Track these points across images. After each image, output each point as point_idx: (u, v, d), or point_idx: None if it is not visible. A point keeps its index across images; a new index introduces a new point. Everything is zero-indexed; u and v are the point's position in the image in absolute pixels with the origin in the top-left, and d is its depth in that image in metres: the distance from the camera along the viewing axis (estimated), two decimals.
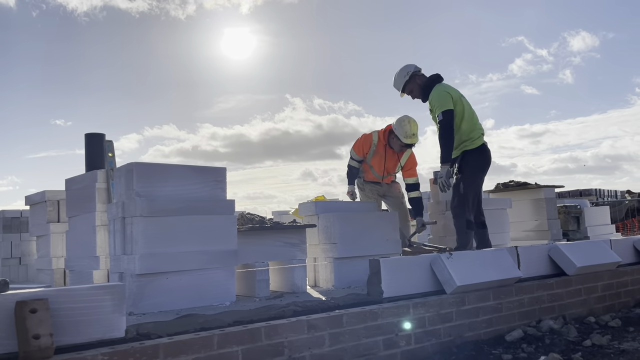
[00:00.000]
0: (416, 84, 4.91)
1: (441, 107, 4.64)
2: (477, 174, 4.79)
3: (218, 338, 2.57)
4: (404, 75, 4.94)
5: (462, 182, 4.73)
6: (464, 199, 4.72)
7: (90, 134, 5.78)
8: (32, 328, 2.16)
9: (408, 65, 4.99)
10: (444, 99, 4.66)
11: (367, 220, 4.97)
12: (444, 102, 4.65)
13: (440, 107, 4.64)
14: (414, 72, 4.92)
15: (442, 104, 4.65)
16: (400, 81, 4.97)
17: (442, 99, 4.67)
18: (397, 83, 5.01)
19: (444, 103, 4.65)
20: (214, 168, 3.99)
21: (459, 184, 4.75)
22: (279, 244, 4.48)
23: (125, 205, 3.63)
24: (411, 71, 4.92)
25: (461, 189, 4.72)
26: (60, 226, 5.73)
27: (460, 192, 4.73)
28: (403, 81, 4.94)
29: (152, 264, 3.48)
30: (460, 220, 4.77)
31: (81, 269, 4.76)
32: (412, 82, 4.91)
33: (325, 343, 2.91)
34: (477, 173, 4.79)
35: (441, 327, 3.41)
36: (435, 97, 4.72)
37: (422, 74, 4.93)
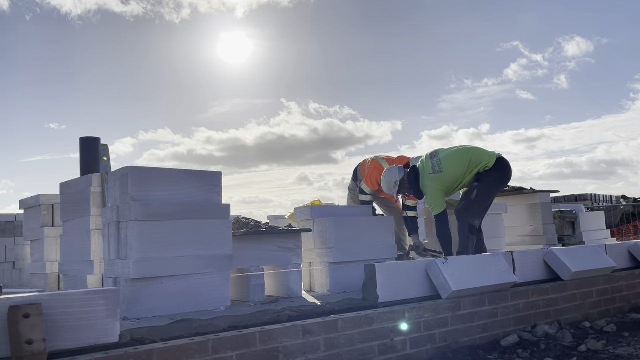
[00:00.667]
0: (405, 187, 5.09)
1: (434, 209, 4.89)
2: (494, 185, 4.93)
3: (213, 343, 2.56)
4: (393, 187, 5.11)
5: (476, 190, 4.79)
6: (472, 205, 4.80)
7: (85, 138, 5.76)
8: (25, 333, 2.15)
9: (391, 173, 5.12)
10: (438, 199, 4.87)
11: (363, 225, 4.96)
12: (438, 204, 4.87)
13: (434, 209, 4.90)
14: (401, 180, 5.06)
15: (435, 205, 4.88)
16: (392, 191, 5.17)
17: (436, 199, 4.87)
18: (389, 191, 5.23)
19: (437, 204, 4.87)
20: (209, 172, 3.98)
21: (473, 190, 4.80)
22: (274, 249, 4.47)
23: (120, 209, 3.61)
24: (397, 180, 5.07)
25: (473, 196, 4.78)
26: (55, 230, 5.70)
27: (471, 199, 4.79)
28: (395, 192, 5.16)
29: (146, 269, 3.47)
30: (464, 224, 4.81)
31: (75, 274, 4.73)
32: (402, 187, 5.09)
33: (321, 348, 2.90)
34: (494, 185, 4.93)
35: (437, 332, 3.41)
36: (430, 199, 4.93)
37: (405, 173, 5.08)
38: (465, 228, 4.80)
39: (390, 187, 5.10)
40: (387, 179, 5.11)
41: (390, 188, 5.11)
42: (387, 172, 5.16)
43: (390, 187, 5.10)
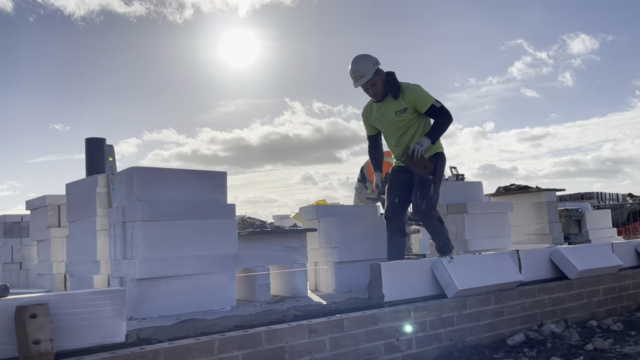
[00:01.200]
0: (380, 78, 4.39)
1: (432, 97, 4.38)
2: (442, 177, 4.66)
3: (218, 343, 2.56)
4: (373, 64, 4.36)
5: (433, 184, 4.42)
6: (433, 199, 4.43)
7: (91, 138, 5.78)
8: (32, 333, 2.16)
9: (371, 56, 4.43)
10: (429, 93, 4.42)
11: (368, 224, 4.96)
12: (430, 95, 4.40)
13: (431, 97, 4.38)
14: (379, 68, 4.40)
15: (429, 96, 4.39)
16: (370, 69, 4.34)
17: (428, 93, 4.41)
18: (365, 69, 4.34)
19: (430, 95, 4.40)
20: (214, 172, 3.98)
21: (430, 185, 4.39)
22: (279, 248, 4.47)
23: (125, 209, 3.62)
24: (378, 63, 4.40)
25: (431, 191, 4.41)
26: (61, 231, 5.73)
27: (430, 194, 4.39)
28: (373, 70, 4.34)
29: (152, 269, 3.48)
30: (434, 220, 4.47)
31: (82, 274, 4.75)
32: (377, 75, 4.37)
33: (326, 347, 2.90)
34: (442, 176, 4.66)
35: (442, 331, 3.40)
36: (420, 91, 4.40)
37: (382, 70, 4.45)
38: (435, 223, 4.47)
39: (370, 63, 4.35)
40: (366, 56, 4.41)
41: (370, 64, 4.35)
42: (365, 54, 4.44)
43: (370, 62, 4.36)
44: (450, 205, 5.84)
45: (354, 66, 4.38)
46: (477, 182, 6.37)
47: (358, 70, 4.35)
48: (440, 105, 4.36)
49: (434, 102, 4.35)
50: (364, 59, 4.39)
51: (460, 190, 6.14)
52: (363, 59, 4.38)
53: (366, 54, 4.43)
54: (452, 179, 13.16)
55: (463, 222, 5.62)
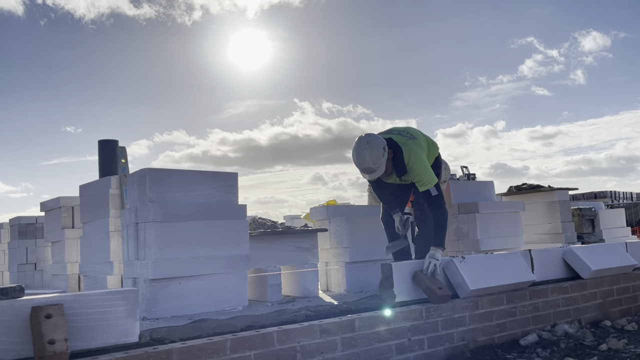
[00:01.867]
0: (389, 159, 3.80)
1: (431, 181, 3.76)
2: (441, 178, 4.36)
3: (231, 343, 2.58)
4: (382, 154, 3.72)
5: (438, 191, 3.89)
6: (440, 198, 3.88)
7: (104, 140, 5.84)
8: (47, 333, 2.19)
9: (376, 139, 3.76)
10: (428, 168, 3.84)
11: (379, 224, 4.95)
12: (431, 173, 3.81)
13: (430, 181, 3.76)
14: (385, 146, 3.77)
15: (430, 176, 3.78)
16: (382, 161, 3.73)
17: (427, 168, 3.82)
18: (377, 164, 3.72)
19: (431, 174, 3.80)
20: (225, 173, 4.01)
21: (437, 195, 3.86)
22: (290, 249, 4.49)
23: (138, 210, 3.66)
24: (385, 146, 3.76)
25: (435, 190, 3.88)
26: (75, 232, 5.79)
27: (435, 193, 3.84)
28: (384, 161, 3.75)
29: (165, 269, 3.51)
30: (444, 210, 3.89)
31: (95, 275, 4.80)
32: (387, 160, 3.79)
33: (338, 348, 2.90)
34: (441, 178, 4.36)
35: (454, 331, 3.39)
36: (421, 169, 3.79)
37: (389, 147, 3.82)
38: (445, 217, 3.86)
39: (379, 152, 3.69)
40: (374, 144, 3.71)
41: (379, 154, 3.69)
42: (369, 138, 3.74)
43: (379, 151, 3.69)
44: (461, 204, 5.81)
45: (362, 162, 3.74)
46: (489, 181, 6.34)
47: (367, 167, 3.73)
48: (437, 193, 3.76)
49: (432, 187, 3.76)
50: (371, 150, 3.70)
51: (472, 189, 6.11)
52: (370, 150, 3.70)
53: (370, 140, 3.74)
54: (464, 178, 13.08)
55: (475, 222, 5.59)
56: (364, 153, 3.69)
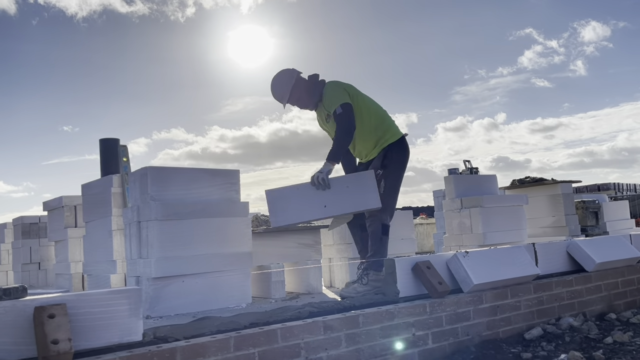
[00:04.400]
0: (302, 89, 4.02)
1: (338, 100, 3.84)
2: (400, 170, 4.04)
3: (234, 340, 2.57)
4: (289, 81, 3.99)
5: (384, 180, 3.89)
6: (383, 200, 3.82)
7: (105, 139, 5.84)
8: (50, 333, 2.18)
9: (287, 69, 4.07)
10: (339, 94, 3.89)
11: None
12: (340, 96, 3.87)
13: (338, 100, 3.84)
14: (297, 76, 4.03)
15: (338, 98, 3.86)
16: (286, 88, 3.99)
17: (337, 93, 3.89)
18: (282, 89, 4.01)
19: (339, 97, 3.86)
20: (227, 170, 4.00)
21: (379, 181, 3.86)
22: (293, 245, 4.48)
23: (140, 209, 3.65)
24: (295, 75, 4.02)
25: (382, 188, 3.86)
26: (78, 231, 5.80)
27: (380, 192, 3.82)
28: (289, 87, 3.98)
29: (167, 267, 3.50)
30: (376, 224, 3.88)
31: (99, 273, 4.80)
32: (298, 87, 4.00)
33: (342, 344, 2.90)
34: (400, 170, 4.04)
35: (459, 326, 3.38)
36: (329, 94, 3.92)
37: (304, 78, 4.07)
38: (377, 228, 3.87)
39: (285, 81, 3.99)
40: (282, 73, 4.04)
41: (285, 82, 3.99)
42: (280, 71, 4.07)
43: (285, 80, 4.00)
44: (464, 199, 5.80)
45: (272, 91, 4.08)
46: (492, 175, 6.33)
47: (276, 95, 4.06)
48: (341, 111, 3.81)
49: (337, 107, 3.84)
50: (278, 79, 4.05)
51: (475, 183, 6.09)
52: (277, 80, 4.05)
53: (281, 72, 4.07)
54: (466, 172, 13.05)
55: (478, 216, 5.58)
56: (273, 82, 4.06)
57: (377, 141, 3.96)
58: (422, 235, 13.38)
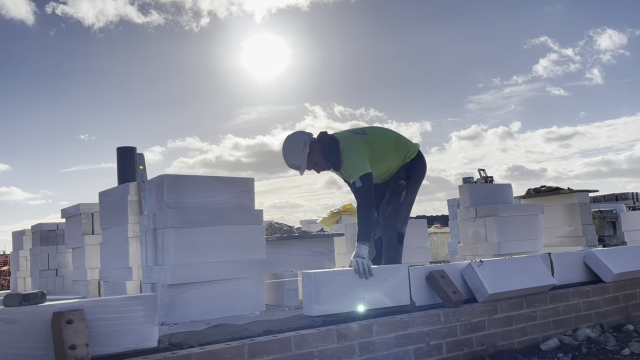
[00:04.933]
0: (318, 154, 3.81)
1: (358, 170, 3.65)
2: (420, 181, 4.11)
3: (248, 348, 2.59)
4: (302, 148, 3.76)
5: (405, 190, 3.94)
6: (401, 208, 3.92)
7: (122, 147, 5.92)
8: (68, 338, 2.22)
9: (297, 135, 3.83)
10: (359, 161, 3.69)
11: None
12: (360, 165, 3.67)
13: (358, 170, 3.65)
14: (310, 141, 3.80)
15: (358, 167, 3.66)
16: (302, 157, 3.77)
17: (357, 161, 3.69)
18: (297, 160, 3.78)
19: (360, 165, 3.67)
20: (242, 179, 4.03)
21: (400, 191, 3.93)
22: (307, 253, 4.50)
23: (156, 216, 3.69)
24: (307, 140, 3.79)
25: (402, 198, 3.92)
26: (95, 238, 5.87)
27: (400, 201, 3.91)
28: (305, 156, 3.77)
29: (183, 275, 3.53)
30: (391, 232, 3.91)
31: (115, 280, 4.86)
32: (313, 154, 3.80)
33: (355, 352, 2.89)
34: (420, 180, 4.10)
35: (473, 335, 3.36)
36: (349, 160, 3.72)
37: (316, 142, 3.83)
38: (393, 237, 3.89)
39: (298, 149, 3.76)
40: (292, 141, 3.80)
41: (299, 150, 3.76)
42: (291, 136, 3.84)
43: (298, 148, 3.76)
44: (479, 208, 5.77)
45: (286, 161, 3.85)
46: (507, 184, 6.29)
47: (291, 164, 3.83)
48: (360, 185, 3.63)
49: (356, 179, 3.65)
50: (290, 147, 3.80)
51: (489, 192, 6.06)
52: (290, 148, 3.80)
53: (291, 139, 3.82)
54: (481, 181, 12.98)
55: (493, 225, 5.54)
56: (286, 151, 3.82)
57: (401, 163, 3.99)
58: (436, 244, 13.30)
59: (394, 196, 3.95)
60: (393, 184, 3.95)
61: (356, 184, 3.63)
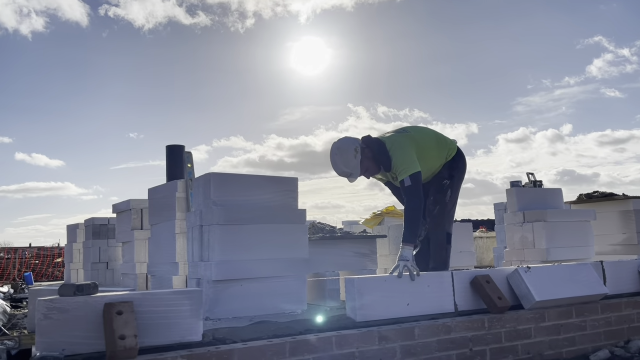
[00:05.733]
0: (369, 160, 3.72)
1: (409, 168, 3.58)
2: (462, 178, 4.03)
3: (290, 345, 2.61)
4: (354, 155, 3.64)
5: (450, 189, 3.90)
6: (447, 208, 3.89)
7: (171, 145, 6.07)
8: (118, 329, 2.30)
9: (347, 141, 3.70)
10: (409, 159, 3.62)
11: None
12: (410, 163, 3.60)
13: (408, 168, 3.58)
14: (361, 149, 3.68)
15: (409, 165, 3.59)
16: (354, 163, 3.65)
17: (407, 159, 3.62)
18: (349, 167, 3.67)
19: (410, 164, 3.59)
20: (286, 178, 4.07)
21: (445, 190, 3.89)
22: (349, 254, 4.49)
23: (202, 213, 3.78)
24: (357, 146, 3.67)
25: (447, 197, 3.89)
26: (144, 233, 6.05)
27: (445, 201, 3.88)
28: (357, 163, 3.66)
29: (227, 271, 3.60)
30: (440, 233, 3.87)
31: (162, 274, 4.99)
32: (365, 160, 3.71)
33: (397, 355, 2.87)
34: (462, 177, 4.03)
35: (519, 343, 3.27)
36: (399, 159, 3.63)
37: (365, 148, 3.73)
38: (442, 237, 3.85)
39: (350, 156, 3.65)
40: (341, 148, 3.68)
41: (350, 157, 3.65)
42: (339, 143, 3.71)
43: (350, 156, 3.65)
44: (527, 212, 5.61)
45: (336, 169, 3.74)
46: (557, 188, 6.08)
47: (342, 172, 3.72)
48: (410, 184, 3.56)
49: (405, 177, 3.58)
50: (340, 155, 3.68)
51: (539, 197, 5.88)
52: (340, 155, 3.68)
53: (340, 145, 3.71)
54: (529, 185, 12.60)
55: (542, 230, 5.38)
56: (335, 159, 3.71)
57: (443, 162, 3.94)
58: (481, 249, 13.02)
59: (440, 196, 3.90)
60: (437, 184, 3.90)
61: (405, 182, 3.57)
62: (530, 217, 5.56)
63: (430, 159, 3.84)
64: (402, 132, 3.87)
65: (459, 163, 3.99)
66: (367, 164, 3.72)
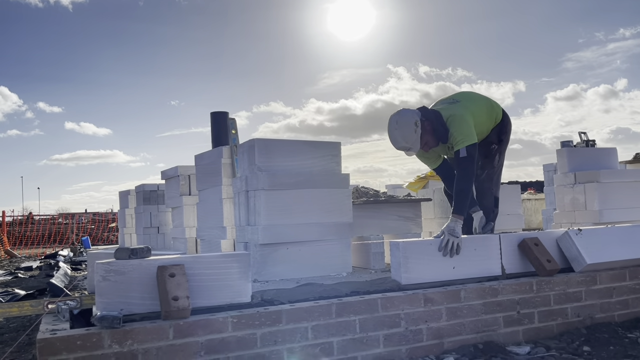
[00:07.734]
0: (429, 133, 3.58)
1: (467, 139, 3.48)
2: (508, 142, 3.97)
3: (336, 307, 2.66)
4: (414, 129, 3.50)
5: (498, 154, 3.84)
6: (495, 173, 3.87)
7: (215, 112, 6.15)
8: (171, 290, 2.40)
9: (406, 114, 3.55)
10: (468, 130, 3.52)
11: None
12: (469, 133, 3.51)
13: (466, 139, 3.48)
14: (421, 122, 3.53)
15: (467, 135, 3.50)
16: (414, 138, 3.51)
17: (466, 130, 3.52)
18: (409, 141, 3.52)
19: (468, 135, 3.50)
20: (329, 143, 4.07)
21: (494, 155, 3.82)
22: (393, 218, 4.48)
23: (248, 179, 3.84)
24: (418, 120, 3.52)
25: (495, 161, 3.84)
26: (192, 199, 6.22)
27: (494, 165, 3.83)
28: (418, 137, 3.51)
29: (273, 235, 3.67)
30: (489, 197, 3.84)
31: (210, 238, 5.14)
32: (425, 134, 3.56)
33: (443, 317, 2.88)
34: (508, 140, 3.97)
35: (568, 306, 3.22)
36: (458, 129, 3.53)
37: (424, 120, 3.57)
38: (490, 201, 3.84)
39: (410, 130, 3.49)
40: (404, 122, 3.51)
41: (411, 131, 3.49)
42: (398, 117, 3.56)
43: (410, 129, 3.49)
44: (579, 173, 5.42)
45: (394, 144, 3.61)
46: (611, 148, 5.83)
47: (401, 147, 3.58)
48: (465, 155, 3.46)
49: (462, 148, 3.48)
50: (400, 128, 3.52)
51: (591, 157, 5.66)
52: (399, 129, 3.53)
53: (399, 118, 3.55)
54: (581, 145, 12.12)
55: (594, 192, 5.20)
56: (395, 134, 3.55)
57: (492, 126, 3.84)
58: (529, 211, 12.72)
59: (487, 161, 3.83)
60: (485, 149, 3.80)
61: (460, 152, 3.46)
62: (582, 178, 5.37)
63: (481, 125, 3.74)
64: (455, 102, 3.74)
65: (507, 127, 3.90)
66: (426, 137, 3.58)
